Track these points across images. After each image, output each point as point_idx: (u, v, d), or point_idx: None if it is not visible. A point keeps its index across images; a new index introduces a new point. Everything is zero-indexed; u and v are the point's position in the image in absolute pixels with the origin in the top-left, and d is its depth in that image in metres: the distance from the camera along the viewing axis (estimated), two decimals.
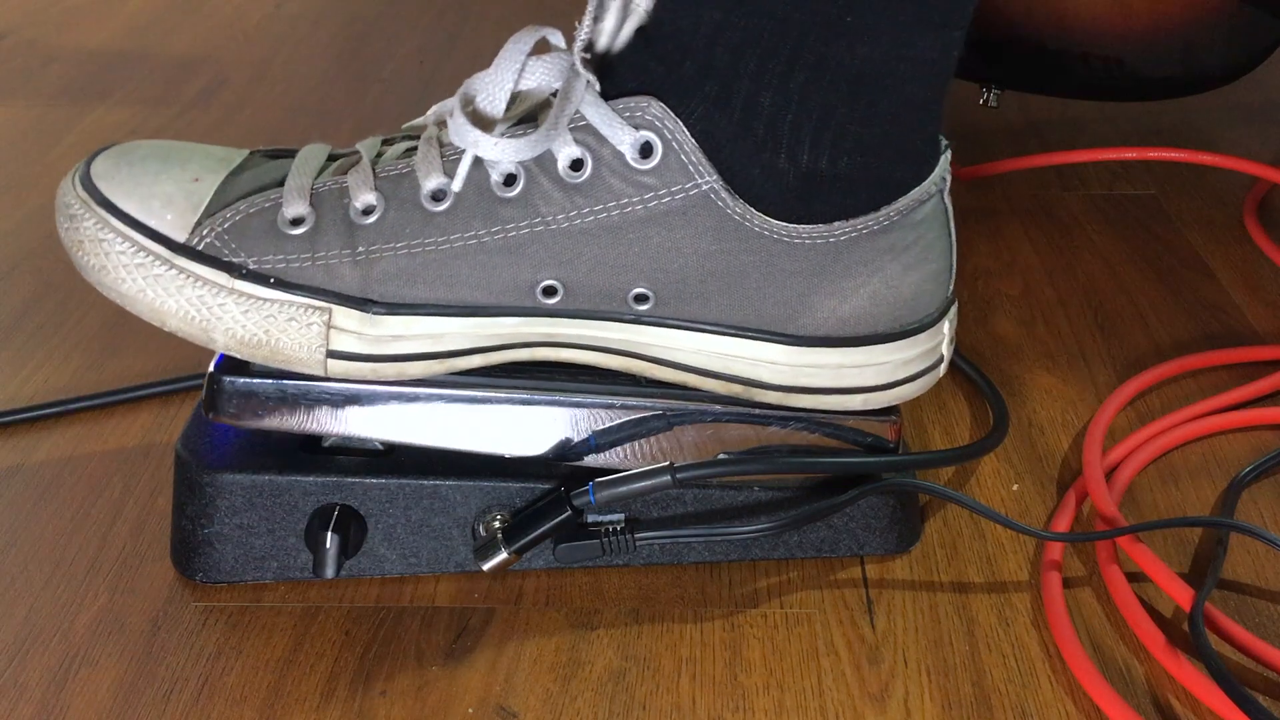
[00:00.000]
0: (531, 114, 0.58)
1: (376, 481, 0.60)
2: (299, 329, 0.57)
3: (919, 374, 0.60)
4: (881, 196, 0.58)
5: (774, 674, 0.57)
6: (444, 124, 0.59)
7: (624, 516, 0.60)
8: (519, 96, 0.58)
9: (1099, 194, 0.99)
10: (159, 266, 0.57)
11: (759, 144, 0.56)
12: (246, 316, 0.57)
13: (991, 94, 0.99)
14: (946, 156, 0.60)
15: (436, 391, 0.59)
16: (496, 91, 0.57)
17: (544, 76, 0.58)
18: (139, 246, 0.57)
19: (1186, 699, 0.55)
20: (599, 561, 0.62)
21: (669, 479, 0.58)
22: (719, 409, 0.60)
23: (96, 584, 0.62)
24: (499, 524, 0.60)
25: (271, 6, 1.42)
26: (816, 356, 0.59)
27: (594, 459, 0.60)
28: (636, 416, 0.60)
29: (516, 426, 0.60)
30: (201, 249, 0.57)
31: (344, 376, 0.58)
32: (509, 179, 0.57)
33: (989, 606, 0.60)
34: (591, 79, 0.56)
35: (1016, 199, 0.98)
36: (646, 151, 0.56)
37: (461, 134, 0.57)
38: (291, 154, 0.61)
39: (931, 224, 0.59)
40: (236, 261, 0.57)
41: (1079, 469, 0.69)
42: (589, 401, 0.60)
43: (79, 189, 0.59)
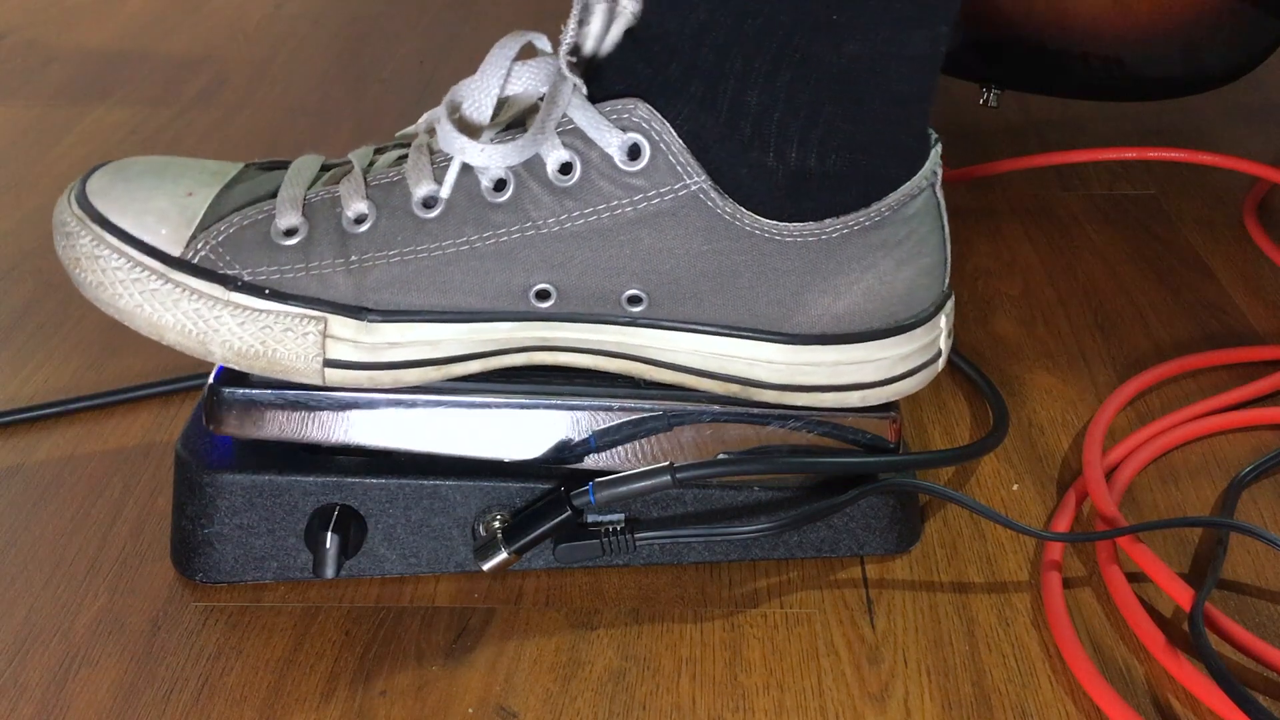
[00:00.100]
0: (520, 119, 0.58)
1: (376, 481, 0.60)
2: (295, 339, 0.57)
3: (917, 369, 0.60)
4: (872, 192, 0.58)
5: (774, 674, 0.57)
6: (434, 131, 0.59)
7: (624, 516, 0.60)
8: (507, 102, 0.58)
9: (1099, 194, 0.99)
10: (155, 281, 0.57)
11: (747, 143, 0.56)
12: (243, 328, 0.57)
13: (991, 94, 0.99)
14: (937, 150, 0.60)
15: (435, 398, 0.59)
16: (482, 98, 0.58)
17: (530, 81, 0.58)
18: (135, 262, 0.57)
19: (1186, 699, 0.55)
20: (599, 561, 0.62)
21: (669, 479, 0.58)
22: (718, 409, 0.60)
23: (96, 584, 0.62)
24: (499, 524, 0.60)
25: (271, 6, 1.42)
26: (813, 354, 0.59)
27: (594, 460, 0.61)
28: (636, 417, 0.60)
29: (516, 431, 0.60)
30: (196, 262, 0.57)
31: (342, 385, 0.58)
32: (499, 184, 0.57)
33: (989, 606, 0.60)
34: (578, 82, 0.56)
35: (1016, 199, 0.98)
36: (634, 153, 0.56)
37: (449, 141, 0.57)
38: (285, 165, 0.61)
39: (923, 218, 0.59)
40: (231, 274, 0.57)
41: (1079, 469, 0.69)
42: (587, 404, 0.60)
43: (75, 207, 0.59)
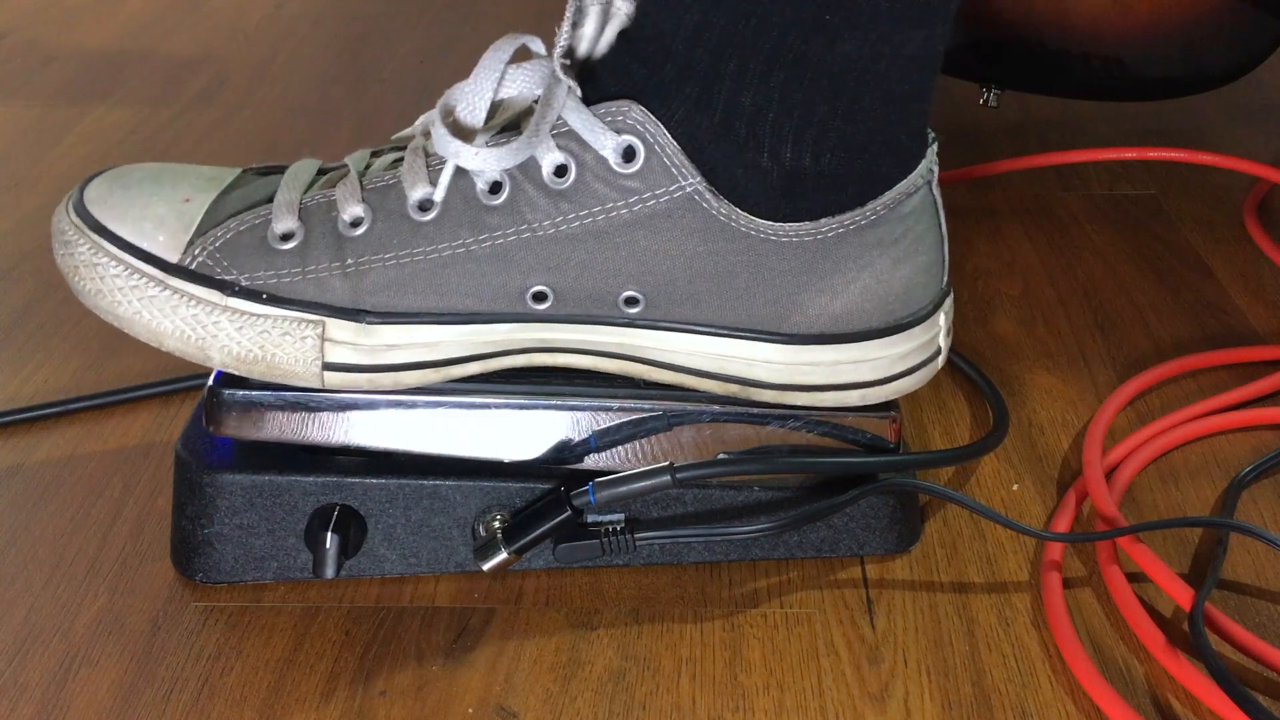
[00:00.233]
0: (514, 122, 0.58)
1: (376, 481, 0.60)
2: (294, 343, 0.57)
3: (916, 367, 0.60)
4: (868, 191, 0.58)
5: (774, 674, 0.57)
6: (430, 134, 0.59)
7: (624, 516, 0.60)
8: (501, 105, 0.58)
9: (1099, 194, 0.99)
10: (153, 288, 0.57)
11: (741, 144, 0.56)
12: (241, 333, 0.57)
13: (991, 94, 0.99)
14: (934, 148, 0.60)
15: (434, 399, 0.59)
16: (476, 101, 0.58)
17: (525, 84, 0.58)
18: (133, 269, 0.58)
19: (1186, 699, 0.55)
20: (599, 561, 0.62)
21: (669, 479, 0.58)
22: (718, 409, 0.60)
23: (96, 584, 0.62)
24: (499, 524, 0.60)
25: (271, 6, 1.42)
26: (811, 354, 0.59)
27: (593, 460, 0.61)
28: (635, 417, 0.60)
29: (515, 431, 0.60)
30: (194, 268, 0.57)
31: (341, 388, 0.58)
32: (494, 187, 0.57)
33: (989, 606, 0.60)
34: (572, 85, 0.56)
35: (1016, 199, 0.98)
36: (629, 155, 0.56)
37: (443, 145, 0.57)
38: (282, 170, 0.61)
39: (920, 217, 0.59)
40: (229, 279, 0.57)
41: (1079, 469, 0.69)
42: (587, 404, 0.60)
43: (72, 215, 0.59)
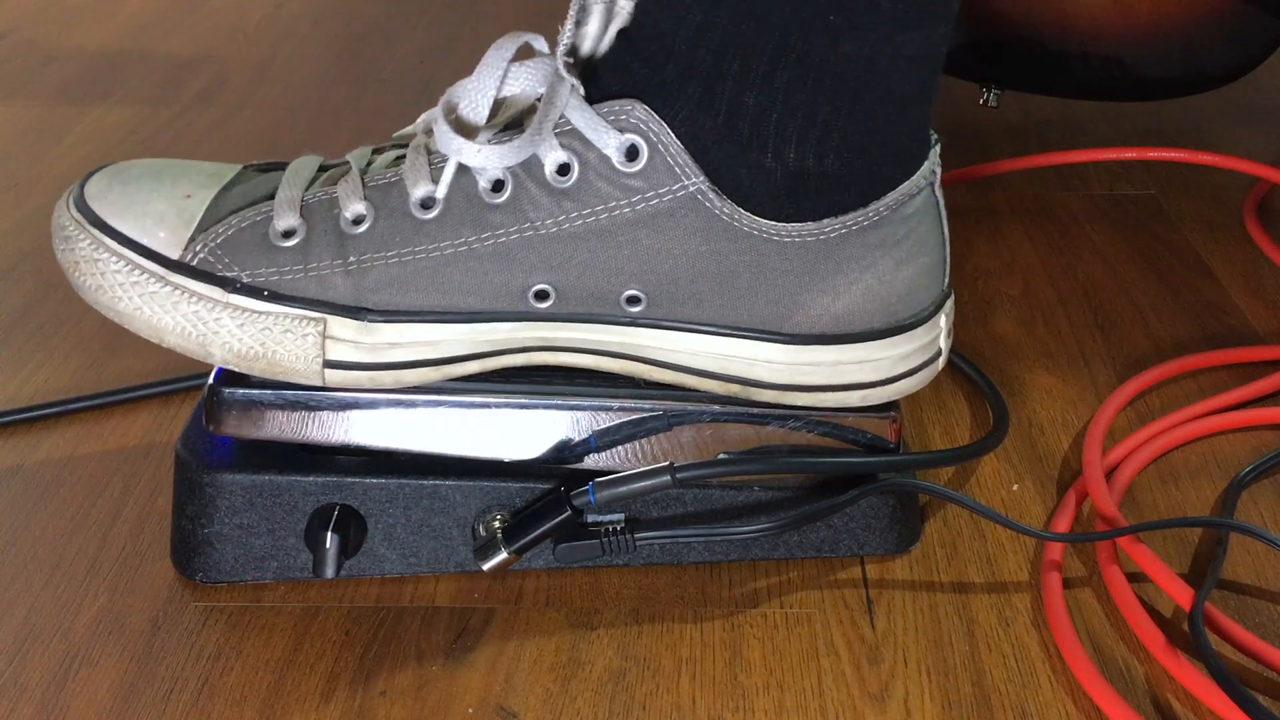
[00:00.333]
0: (517, 120, 0.58)
1: (376, 481, 0.60)
2: (295, 340, 0.57)
3: (917, 368, 0.60)
4: (870, 192, 0.58)
5: (774, 674, 0.57)
6: (432, 132, 0.59)
7: (624, 516, 0.60)
8: (504, 103, 0.58)
9: (1099, 194, 0.99)
10: (154, 284, 0.57)
11: (744, 144, 0.56)
12: (243, 330, 0.57)
13: (991, 94, 0.99)
14: (936, 150, 0.60)
15: (435, 398, 0.59)
16: (479, 99, 0.58)
17: (528, 82, 0.58)
18: (134, 265, 0.57)
19: (1186, 699, 0.55)
20: (599, 561, 0.62)
21: (669, 479, 0.58)
22: (718, 409, 0.60)
23: (96, 584, 0.62)
24: (499, 524, 0.60)
25: (271, 6, 1.42)
26: (813, 354, 0.59)
27: (594, 460, 0.61)
28: (635, 417, 0.60)
29: (515, 431, 0.60)
30: (195, 265, 0.57)
31: (342, 386, 0.58)
32: (497, 185, 0.57)
33: (989, 606, 0.60)
34: (575, 83, 0.56)
35: (1016, 199, 0.98)
36: (632, 154, 0.56)
37: (445, 142, 0.57)
38: (283, 167, 0.61)
39: (922, 218, 0.59)
40: (230, 276, 0.57)
41: (1079, 469, 0.69)
42: (587, 404, 0.60)
43: (73, 210, 0.59)
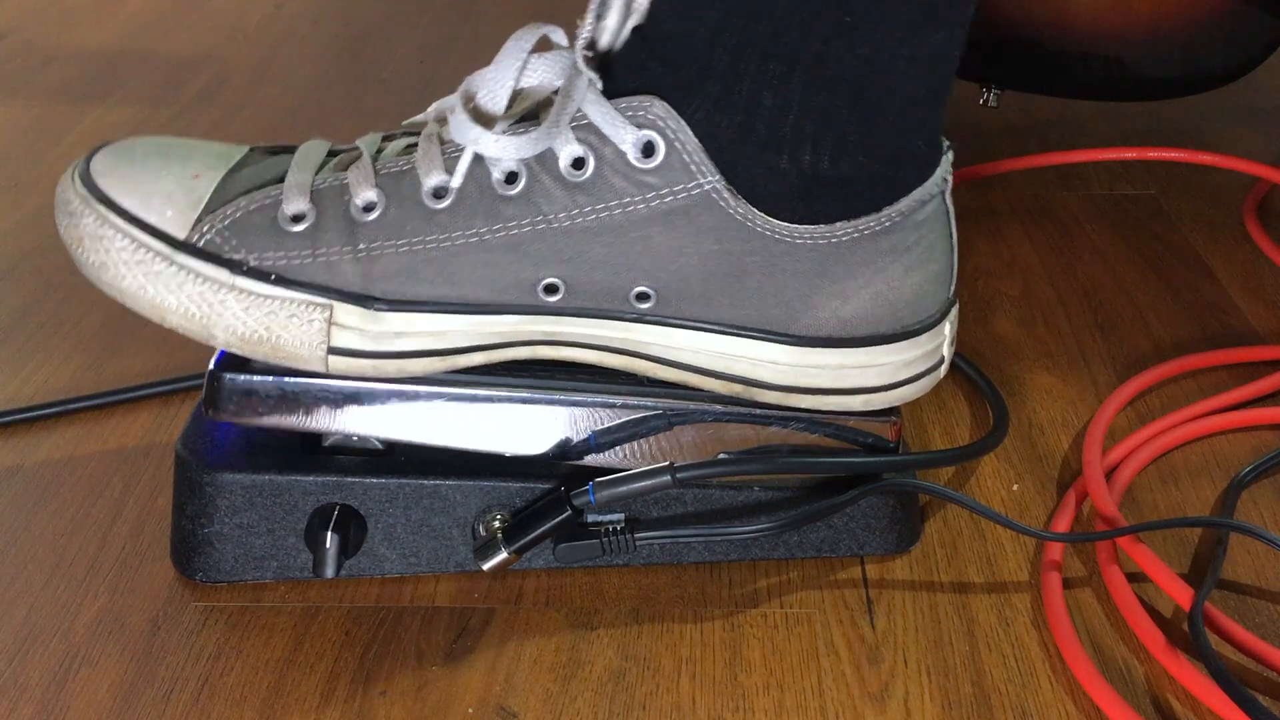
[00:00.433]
0: (533, 112, 0.58)
1: (376, 481, 0.60)
2: (300, 325, 0.57)
3: (920, 375, 0.60)
4: (883, 197, 0.58)
5: (774, 674, 0.57)
6: (445, 121, 0.59)
7: (624, 516, 0.60)
8: (520, 94, 0.58)
9: (1099, 194, 0.99)
10: (159, 263, 0.57)
11: (761, 144, 0.56)
12: (247, 313, 0.57)
13: (991, 94, 0.99)
14: (948, 157, 0.60)
15: (437, 389, 0.59)
16: (498, 89, 0.57)
17: (546, 74, 0.58)
18: (139, 243, 0.57)
19: (1186, 699, 0.55)
20: (599, 561, 0.62)
21: (669, 479, 0.58)
22: (719, 409, 0.60)
23: (96, 584, 0.61)
24: (499, 524, 0.60)
25: (271, 6, 1.42)
26: (817, 357, 0.59)
27: (594, 458, 0.60)
28: (636, 416, 0.60)
29: (517, 425, 0.60)
30: (202, 246, 0.57)
31: (345, 373, 0.58)
32: (511, 177, 0.57)
33: (989, 606, 0.60)
34: (594, 77, 0.56)
35: (1016, 199, 0.98)
36: (649, 151, 0.56)
37: (462, 131, 0.57)
38: (291, 150, 0.61)
39: (933, 225, 0.59)
40: (237, 258, 0.57)
41: (1079, 469, 0.69)
42: (589, 400, 0.60)
43: (79, 185, 0.59)
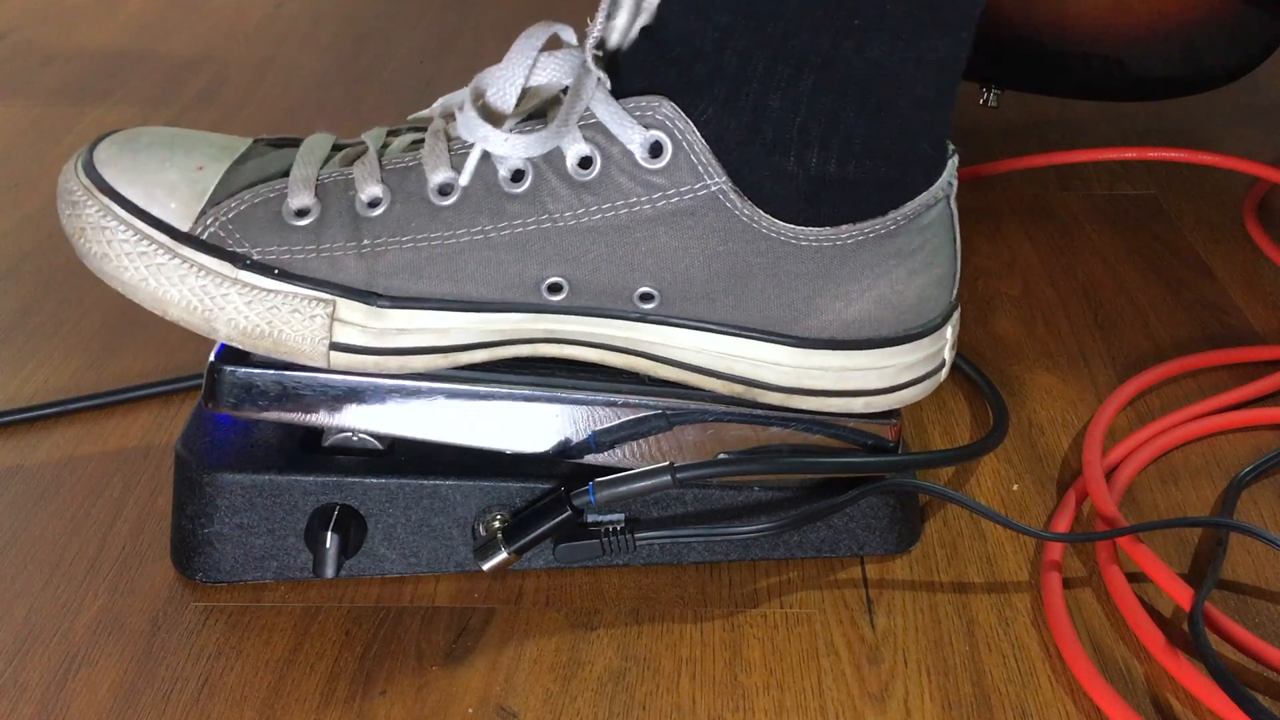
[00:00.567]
0: (541, 110, 0.58)
1: (376, 481, 0.60)
2: (302, 320, 0.57)
3: (921, 378, 0.60)
4: (889, 200, 0.58)
5: (774, 674, 0.57)
6: (452, 117, 0.59)
7: (624, 516, 0.60)
8: (529, 92, 0.58)
9: (1099, 194, 0.99)
10: (162, 255, 0.57)
11: (768, 147, 0.56)
12: (250, 307, 0.57)
13: (991, 94, 0.99)
14: (954, 161, 0.60)
15: (438, 386, 0.59)
16: (507, 86, 0.57)
17: (555, 73, 0.58)
18: (142, 235, 0.57)
19: (1186, 699, 0.55)
20: (599, 561, 0.62)
21: (669, 479, 0.58)
22: (720, 409, 0.60)
23: (96, 584, 0.61)
24: (499, 524, 0.60)
25: (271, 6, 1.42)
26: (820, 359, 0.59)
27: (594, 458, 0.60)
28: (637, 415, 0.60)
29: (517, 422, 0.60)
30: (205, 238, 0.57)
31: (346, 369, 0.58)
32: (517, 175, 0.57)
33: (989, 606, 0.60)
34: (603, 77, 0.56)
35: (1016, 199, 0.98)
36: (656, 151, 0.56)
37: (471, 128, 0.57)
38: (295, 143, 0.61)
39: (937, 229, 0.59)
40: (240, 252, 0.57)
41: (1079, 469, 0.69)
42: (590, 399, 0.60)
43: (81, 175, 0.58)
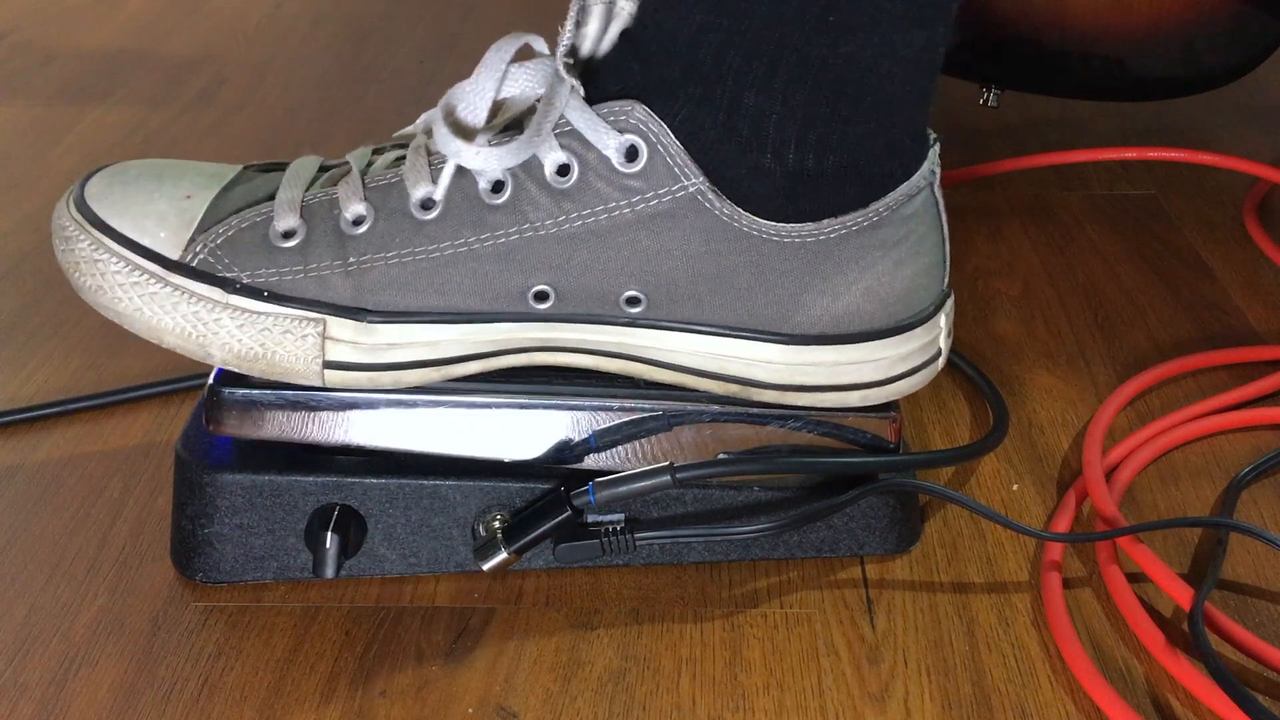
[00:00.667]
0: (517, 121, 0.58)
1: (376, 481, 0.60)
2: (295, 341, 0.57)
3: (917, 368, 0.60)
4: (870, 193, 0.58)
5: (774, 674, 0.57)
6: (432, 132, 0.59)
7: (624, 516, 0.60)
8: (504, 104, 0.58)
9: (1099, 194, 0.99)
10: (154, 285, 0.57)
11: (745, 144, 0.56)
12: (242, 331, 0.57)
13: (991, 94, 0.99)
14: (935, 149, 0.60)
15: (435, 398, 0.59)
16: (477, 100, 0.58)
17: (527, 83, 0.58)
18: (134, 265, 0.58)
19: (1186, 699, 0.55)
20: (599, 561, 0.62)
21: (669, 479, 0.58)
22: (717, 409, 0.60)
23: (96, 584, 0.62)
24: (499, 524, 0.60)
25: (271, 6, 1.42)
26: (812, 355, 0.59)
27: (593, 460, 0.61)
28: (635, 417, 0.60)
29: (515, 431, 0.60)
30: (195, 265, 0.57)
31: (342, 386, 0.58)
32: (497, 186, 0.57)
33: (989, 606, 0.60)
34: (575, 84, 0.56)
35: (1016, 199, 0.98)
36: (632, 155, 0.56)
37: (444, 144, 0.57)
38: (283, 167, 0.61)
39: (922, 218, 0.59)
40: (230, 276, 0.57)
41: (1079, 469, 0.69)
42: (587, 404, 0.60)
43: (73, 211, 0.59)
